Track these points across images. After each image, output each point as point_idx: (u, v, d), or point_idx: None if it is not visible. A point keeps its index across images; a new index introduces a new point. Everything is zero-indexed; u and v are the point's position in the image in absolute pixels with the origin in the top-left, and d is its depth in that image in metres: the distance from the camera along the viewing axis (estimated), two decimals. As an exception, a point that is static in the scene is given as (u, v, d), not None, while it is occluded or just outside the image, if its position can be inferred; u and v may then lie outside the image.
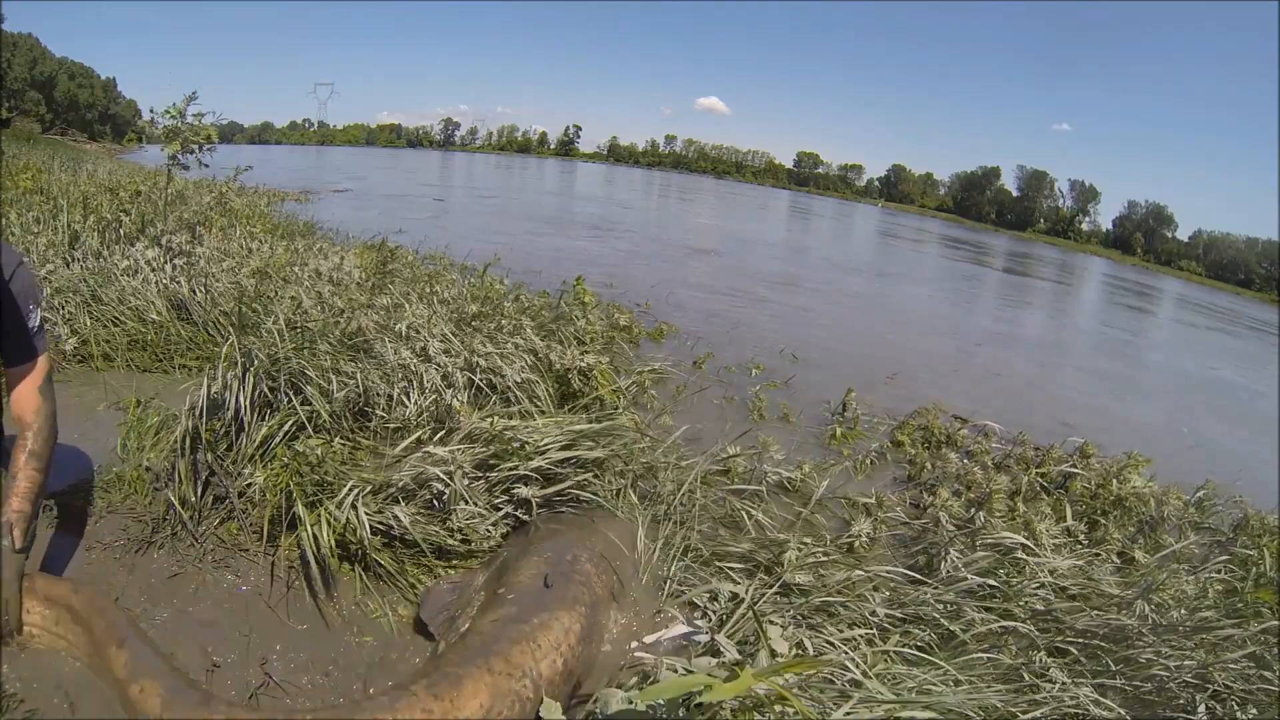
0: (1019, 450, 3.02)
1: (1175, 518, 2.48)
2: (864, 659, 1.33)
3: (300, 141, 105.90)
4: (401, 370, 2.43)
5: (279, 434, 1.94)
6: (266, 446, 1.90)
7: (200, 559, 1.59)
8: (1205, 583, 1.93)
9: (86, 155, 15.24)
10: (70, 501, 1.68)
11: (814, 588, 1.67)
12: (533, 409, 2.51)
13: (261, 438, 1.91)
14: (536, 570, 1.58)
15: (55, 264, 3.17)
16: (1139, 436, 3.99)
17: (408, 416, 2.26)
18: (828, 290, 8.84)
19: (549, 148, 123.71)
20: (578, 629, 1.44)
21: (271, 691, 1.32)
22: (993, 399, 4.30)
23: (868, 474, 2.64)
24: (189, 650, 1.34)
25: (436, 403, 2.31)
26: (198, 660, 1.33)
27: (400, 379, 2.39)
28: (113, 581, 1.48)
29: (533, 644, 1.34)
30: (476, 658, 1.27)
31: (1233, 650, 1.50)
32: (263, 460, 1.87)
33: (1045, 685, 1.34)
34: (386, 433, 2.22)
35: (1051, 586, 1.73)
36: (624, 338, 3.92)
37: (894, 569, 1.75)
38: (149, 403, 2.14)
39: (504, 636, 1.34)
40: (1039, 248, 47.53)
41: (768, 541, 1.96)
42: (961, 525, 2.09)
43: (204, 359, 2.71)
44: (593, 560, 1.69)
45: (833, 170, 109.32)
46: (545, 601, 1.47)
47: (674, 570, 1.79)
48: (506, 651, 1.30)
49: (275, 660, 1.39)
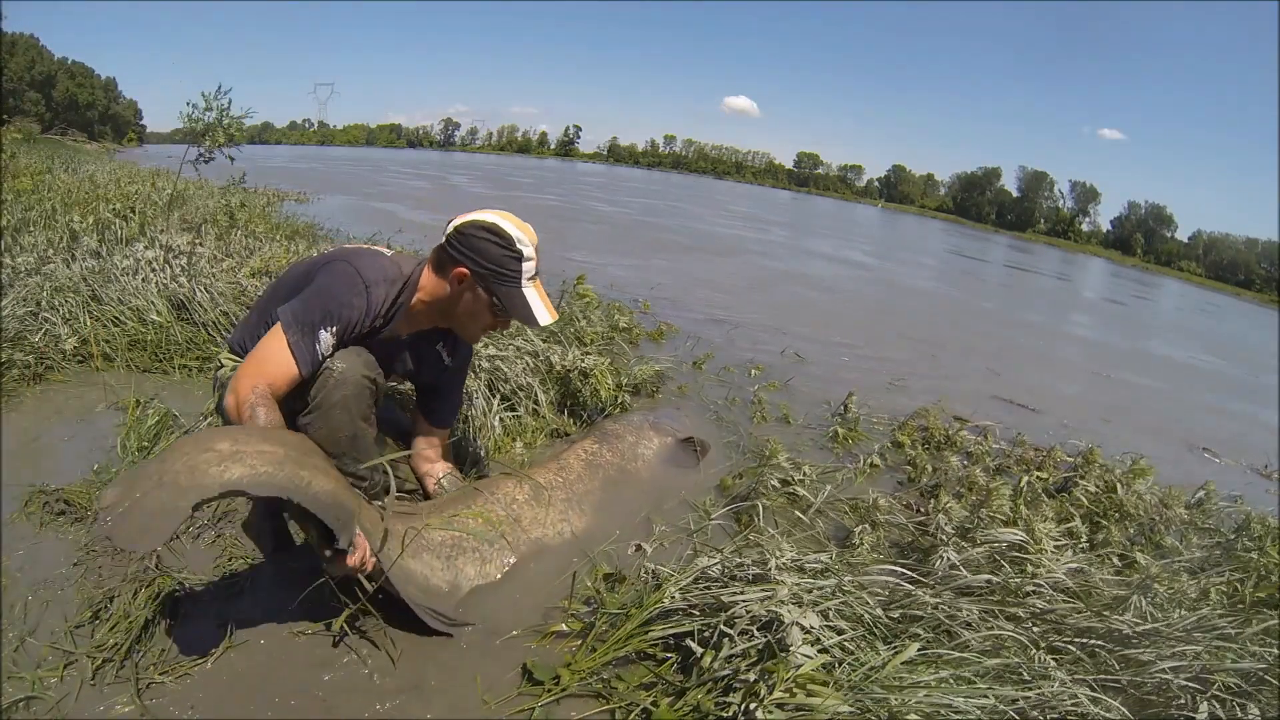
0: (1019, 451, 3.01)
1: (1176, 519, 2.48)
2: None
3: (300, 141, 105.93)
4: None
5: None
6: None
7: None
8: (1206, 583, 1.93)
9: (86, 155, 15.25)
10: (69, 501, 1.68)
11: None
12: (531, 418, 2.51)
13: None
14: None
15: (55, 264, 3.17)
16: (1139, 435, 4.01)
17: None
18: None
19: (549, 148, 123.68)
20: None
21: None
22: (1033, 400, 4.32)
23: (868, 475, 2.64)
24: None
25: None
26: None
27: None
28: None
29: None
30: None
31: (1233, 650, 1.50)
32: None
33: (1044, 684, 1.34)
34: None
35: (1053, 586, 1.73)
36: (624, 338, 3.91)
37: (893, 567, 1.75)
38: (148, 403, 2.14)
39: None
40: (1039, 249, 47.56)
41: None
42: (962, 527, 2.09)
43: (204, 359, 2.72)
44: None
45: (833, 171, 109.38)
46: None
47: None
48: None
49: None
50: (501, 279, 1.51)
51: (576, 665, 1.36)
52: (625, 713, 1.28)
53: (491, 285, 1.52)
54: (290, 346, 1.41)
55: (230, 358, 1.63)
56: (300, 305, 1.45)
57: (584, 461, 2.10)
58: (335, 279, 1.48)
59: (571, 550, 1.77)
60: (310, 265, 1.58)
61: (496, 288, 1.52)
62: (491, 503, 1.73)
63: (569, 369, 2.70)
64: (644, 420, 2.48)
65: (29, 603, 1.37)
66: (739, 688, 1.23)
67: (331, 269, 1.50)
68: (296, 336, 1.42)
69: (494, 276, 1.51)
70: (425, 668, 1.36)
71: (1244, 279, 63.22)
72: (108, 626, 1.31)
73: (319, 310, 1.44)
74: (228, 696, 1.23)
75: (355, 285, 1.47)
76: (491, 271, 1.50)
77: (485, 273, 1.51)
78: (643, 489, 2.16)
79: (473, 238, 1.50)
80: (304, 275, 1.55)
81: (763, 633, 1.31)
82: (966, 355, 5.78)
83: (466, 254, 1.51)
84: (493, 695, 1.32)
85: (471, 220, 1.52)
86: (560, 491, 1.91)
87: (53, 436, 2.03)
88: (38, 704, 1.16)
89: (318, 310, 1.44)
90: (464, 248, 1.51)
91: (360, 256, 1.54)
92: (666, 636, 1.41)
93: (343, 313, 1.45)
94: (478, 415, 2.36)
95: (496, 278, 1.51)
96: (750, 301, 6.47)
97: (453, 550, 1.57)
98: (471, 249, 1.50)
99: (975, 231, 58.17)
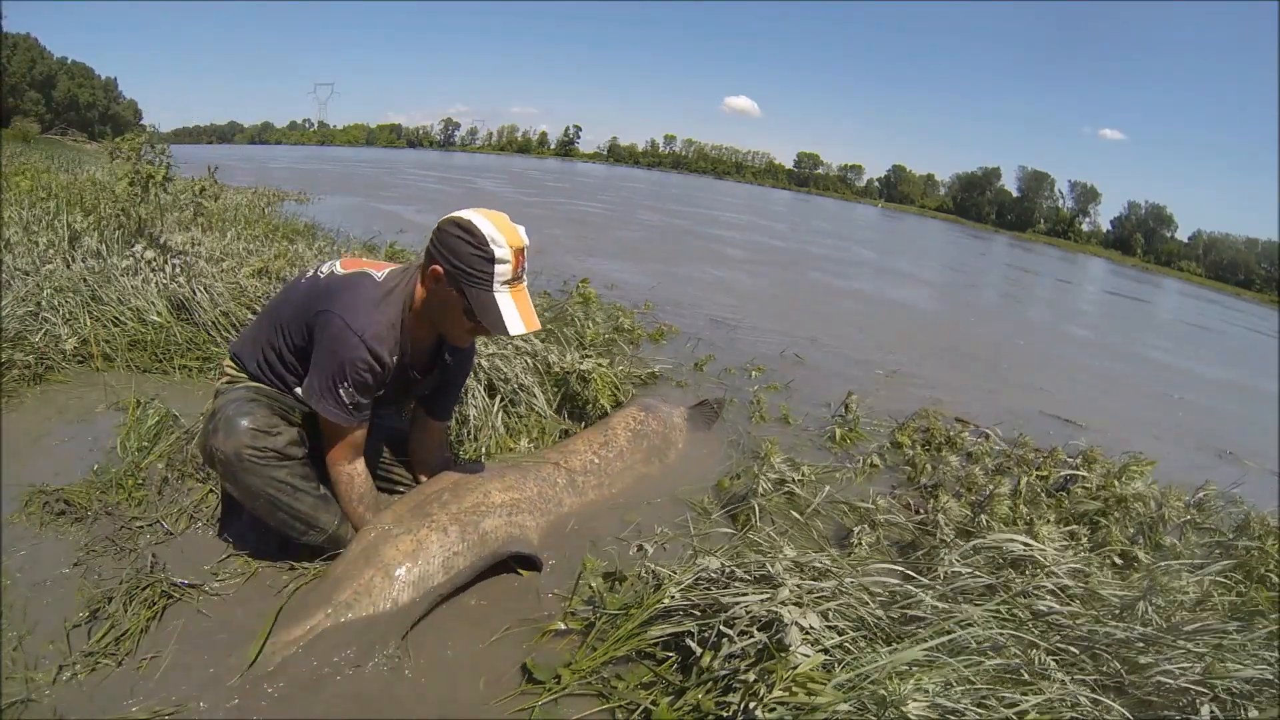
0: (1019, 452, 3.01)
1: (1176, 519, 2.48)
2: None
3: (300, 141, 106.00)
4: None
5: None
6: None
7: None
8: (1207, 584, 1.93)
9: (86, 155, 15.24)
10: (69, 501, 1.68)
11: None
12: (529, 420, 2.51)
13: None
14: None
15: (55, 264, 3.17)
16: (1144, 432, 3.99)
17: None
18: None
19: (549, 148, 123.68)
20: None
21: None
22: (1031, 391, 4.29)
23: (868, 476, 2.64)
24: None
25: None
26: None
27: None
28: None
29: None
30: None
31: (1234, 650, 1.50)
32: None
33: (1045, 685, 1.34)
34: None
35: (1054, 586, 1.72)
36: (625, 338, 3.91)
37: (893, 566, 1.75)
38: (148, 403, 2.14)
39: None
40: (1040, 248, 47.50)
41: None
42: (962, 529, 2.09)
43: (204, 359, 2.72)
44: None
45: (832, 171, 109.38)
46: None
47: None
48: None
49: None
50: (470, 279, 1.44)
51: (576, 665, 1.37)
52: (625, 712, 1.28)
53: (462, 285, 1.45)
54: (332, 419, 1.49)
55: (231, 366, 1.64)
56: (316, 379, 1.48)
57: (631, 430, 2.35)
58: (332, 341, 1.46)
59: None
60: (307, 298, 1.54)
61: (466, 289, 1.45)
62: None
63: (568, 371, 2.70)
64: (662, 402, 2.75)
65: (29, 603, 1.37)
66: (739, 688, 1.23)
67: (327, 326, 1.46)
68: (329, 405, 1.47)
69: (463, 276, 1.44)
70: (426, 667, 1.36)
71: (1244, 279, 63.21)
72: (106, 627, 1.32)
73: (330, 376, 1.46)
74: (227, 696, 1.23)
75: (349, 342, 1.44)
76: (460, 271, 1.44)
77: (455, 272, 1.45)
78: (678, 450, 2.50)
79: (447, 234, 1.45)
80: (303, 309, 1.53)
81: (762, 633, 1.31)
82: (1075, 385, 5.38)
83: (442, 252, 1.45)
84: (493, 694, 1.32)
85: (451, 217, 1.47)
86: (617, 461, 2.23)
87: (53, 437, 2.03)
88: (35, 705, 1.16)
89: (329, 377, 1.46)
90: (440, 245, 1.46)
91: (350, 297, 1.49)
92: (666, 636, 1.41)
93: (349, 371, 1.46)
94: (479, 414, 2.36)
95: (465, 278, 1.44)
96: (798, 316, 6.09)
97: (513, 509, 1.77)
98: (446, 246, 1.45)
99: (976, 232, 58.14)
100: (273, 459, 1.46)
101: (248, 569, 1.57)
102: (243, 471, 1.44)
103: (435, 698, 1.30)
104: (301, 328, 1.52)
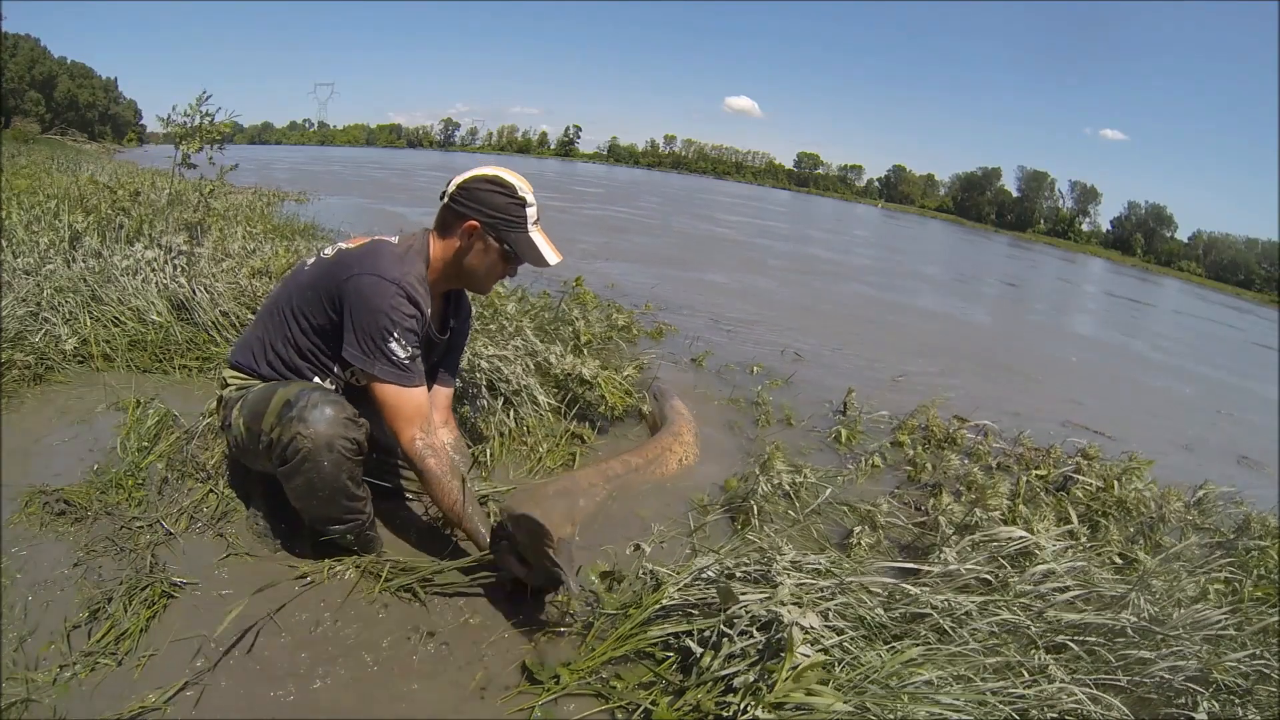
0: (1019, 450, 3.01)
1: (1175, 519, 2.48)
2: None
3: (300, 142, 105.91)
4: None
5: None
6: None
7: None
8: (1205, 583, 1.93)
9: (86, 155, 15.24)
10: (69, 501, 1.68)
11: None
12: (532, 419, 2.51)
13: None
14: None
15: (55, 263, 3.17)
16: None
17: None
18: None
19: (549, 148, 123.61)
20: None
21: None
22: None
23: (868, 476, 2.64)
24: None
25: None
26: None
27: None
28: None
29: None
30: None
31: (1234, 649, 1.50)
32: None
33: (1044, 683, 1.34)
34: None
35: (1053, 586, 1.72)
36: (623, 336, 3.91)
37: (892, 565, 1.76)
38: (148, 403, 2.14)
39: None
40: (1040, 248, 47.39)
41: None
42: (962, 527, 2.09)
43: (204, 359, 2.72)
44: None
45: (833, 171, 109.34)
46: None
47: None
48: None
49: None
50: (511, 225, 1.59)
51: (576, 664, 1.36)
52: (625, 712, 1.28)
53: (502, 233, 1.59)
54: (390, 381, 1.48)
55: (235, 374, 1.63)
56: (360, 343, 1.47)
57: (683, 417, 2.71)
58: (370, 296, 1.45)
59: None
60: (323, 275, 1.54)
61: (506, 234, 1.59)
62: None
63: (568, 373, 2.69)
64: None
65: (29, 603, 1.37)
66: (739, 687, 1.24)
67: (360, 285, 1.46)
68: (384, 365, 1.47)
69: (503, 224, 1.59)
70: (426, 666, 1.36)
71: (1244, 279, 63.21)
72: (106, 627, 1.32)
73: (377, 333, 1.45)
74: (226, 697, 1.23)
75: (386, 291, 1.45)
76: (500, 219, 1.58)
77: (495, 221, 1.58)
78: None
79: (477, 190, 1.58)
80: (320, 285, 1.53)
81: (762, 633, 1.31)
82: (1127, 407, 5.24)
83: (473, 206, 1.58)
84: (492, 694, 1.32)
85: (474, 175, 1.60)
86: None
87: (53, 437, 2.03)
88: (35, 705, 1.16)
89: (375, 334, 1.45)
90: (470, 201, 1.58)
91: (373, 259, 1.51)
92: (666, 636, 1.41)
93: (395, 318, 1.46)
94: (483, 414, 2.36)
95: (506, 224, 1.59)
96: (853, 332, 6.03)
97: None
98: (478, 201, 1.58)
99: (976, 231, 58.12)
100: (354, 451, 1.47)
101: (248, 569, 1.57)
102: (324, 461, 1.42)
103: (435, 697, 1.30)
104: (321, 304, 1.52)
